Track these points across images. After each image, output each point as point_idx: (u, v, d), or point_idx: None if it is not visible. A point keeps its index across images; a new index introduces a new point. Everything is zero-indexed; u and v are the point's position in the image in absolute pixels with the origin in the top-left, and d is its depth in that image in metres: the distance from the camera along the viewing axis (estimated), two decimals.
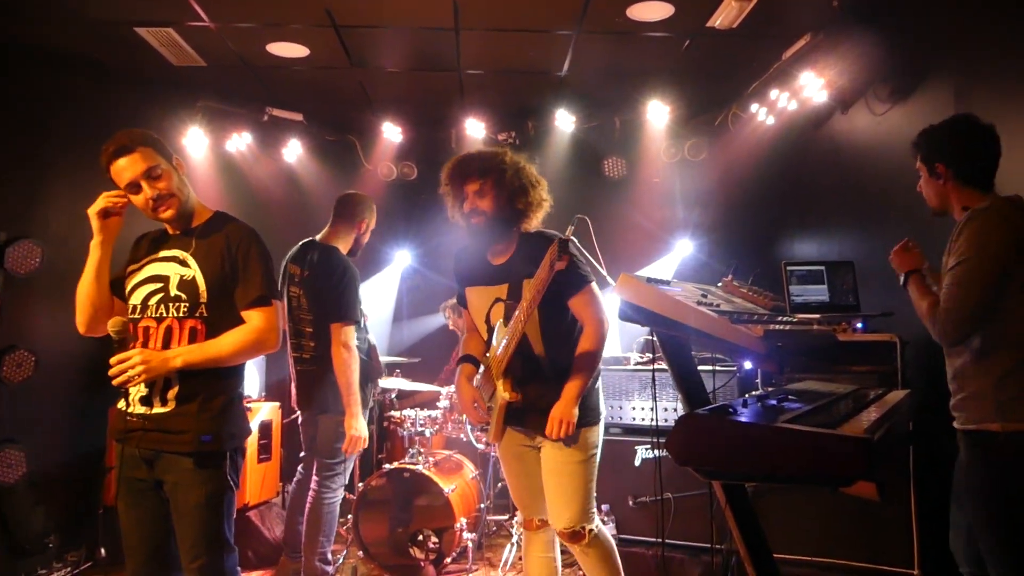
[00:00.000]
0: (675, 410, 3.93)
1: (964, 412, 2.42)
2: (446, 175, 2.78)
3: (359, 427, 3.67)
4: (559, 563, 2.96)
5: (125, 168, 2.37)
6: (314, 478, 3.88)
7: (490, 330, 2.82)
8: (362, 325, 3.82)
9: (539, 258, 2.41)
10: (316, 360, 3.74)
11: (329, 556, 3.91)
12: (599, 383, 2.85)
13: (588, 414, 2.73)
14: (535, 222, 2.80)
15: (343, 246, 3.84)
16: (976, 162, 2.44)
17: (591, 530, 2.73)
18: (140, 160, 2.37)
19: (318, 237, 3.88)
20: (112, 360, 2.27)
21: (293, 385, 3.95)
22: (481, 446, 4.68)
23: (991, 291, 2.31)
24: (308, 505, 3.87)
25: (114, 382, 2.27)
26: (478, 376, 2.90)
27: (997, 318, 2.34)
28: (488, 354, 2.83)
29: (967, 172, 2.44)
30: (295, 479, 4.10)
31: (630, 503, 3.79)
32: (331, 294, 3.64)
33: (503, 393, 2.67)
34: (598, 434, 2.79)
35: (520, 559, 4.34)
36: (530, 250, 2.67)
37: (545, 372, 2.72)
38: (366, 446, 3.79)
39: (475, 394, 2.86)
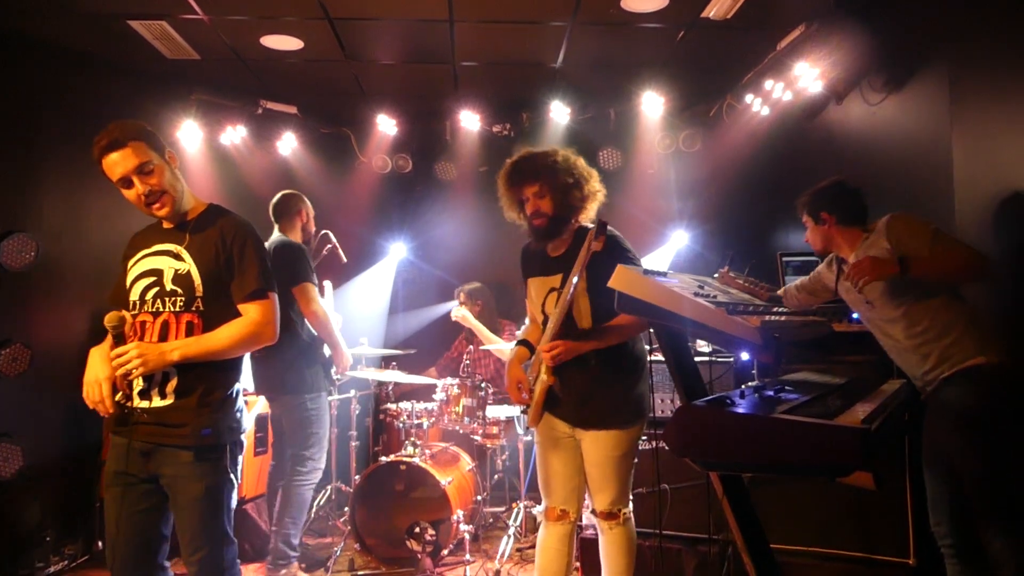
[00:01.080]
0: (672, 401, 3.94)
1: (950, 359, 2.64)
2: (504, 181, 2.86)
3: (344, 360, 4.18)
4: (572, 557, 2.98)
5: (116, 163, 2.35)
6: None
7: (545, 319, 2.88)
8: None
9: None
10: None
11: (294, 541, 3.98)
12: (644, 381, 2.88)
13: (632, 415, 2.81)
14: (591, 213, 2.87)
15: (295, 238, 4.14)
16: (851, 208, 2.97)
17: (625, 512, 2.86)
18: (132, 155, 2.35)
19: (270, 241, 4.06)
20: (111, 354, 2.27)
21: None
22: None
23: None
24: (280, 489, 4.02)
25: (116, 374, 2.27)
26: (529, 361, 2.99)
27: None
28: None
29: (845, 215, 2.95)
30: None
31: None
32: (282, 270, 3.75)
33: (543, 375, 2.74)
34: (640, 431, 2.87)
35: (517, 551, 4.37)
36: (584, 242, 2.71)
37: (590, 361, 2.73)
38: (350, 362, 4.26)
39: (521, 375, 2.92)
